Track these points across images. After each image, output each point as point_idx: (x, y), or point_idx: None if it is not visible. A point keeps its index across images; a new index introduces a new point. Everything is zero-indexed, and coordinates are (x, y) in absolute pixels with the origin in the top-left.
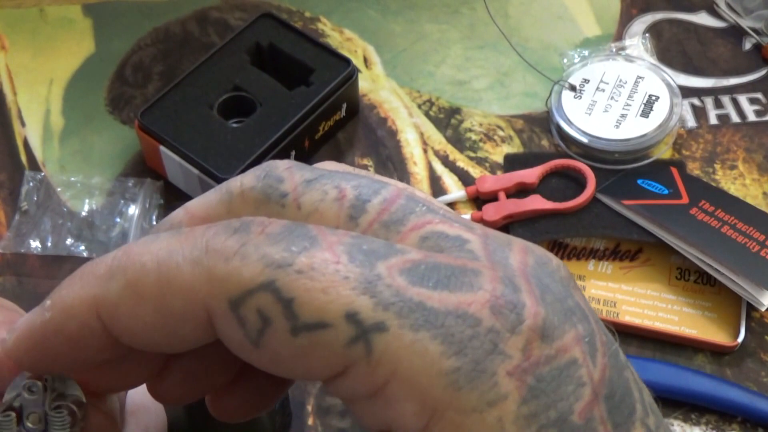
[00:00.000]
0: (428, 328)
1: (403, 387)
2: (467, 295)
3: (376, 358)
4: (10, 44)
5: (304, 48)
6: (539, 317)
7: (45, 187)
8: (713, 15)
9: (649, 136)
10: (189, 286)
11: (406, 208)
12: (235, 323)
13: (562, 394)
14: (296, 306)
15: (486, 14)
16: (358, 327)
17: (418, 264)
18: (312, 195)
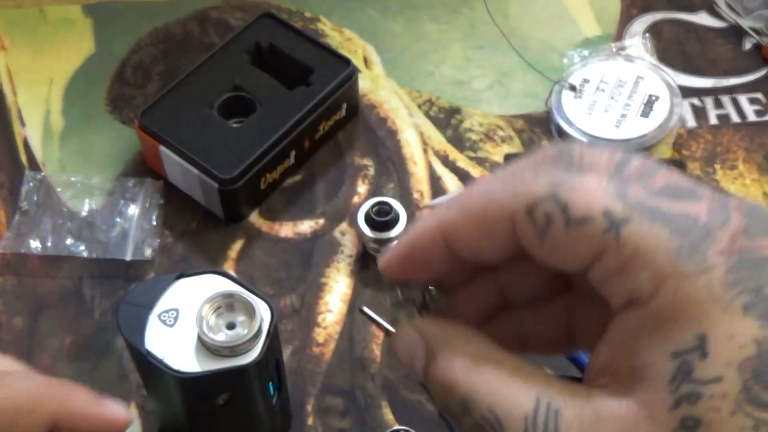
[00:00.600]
0: (661, 221)
1: (640, 260)
2: (691, 203)
3: (623, 241)
4: (10, 44)
5: (304, 48)
6: (742, 222)
7: (45, 187)
8: (713, 15)
9: (649, 136)
10: (500, 201)
11: (654, 168)
12: (529, 223)
13: (759, 273)
14: (570, 208)
15: (486, 14)
16: (611, 219)
17: (659, 187)
18: (592, 153)
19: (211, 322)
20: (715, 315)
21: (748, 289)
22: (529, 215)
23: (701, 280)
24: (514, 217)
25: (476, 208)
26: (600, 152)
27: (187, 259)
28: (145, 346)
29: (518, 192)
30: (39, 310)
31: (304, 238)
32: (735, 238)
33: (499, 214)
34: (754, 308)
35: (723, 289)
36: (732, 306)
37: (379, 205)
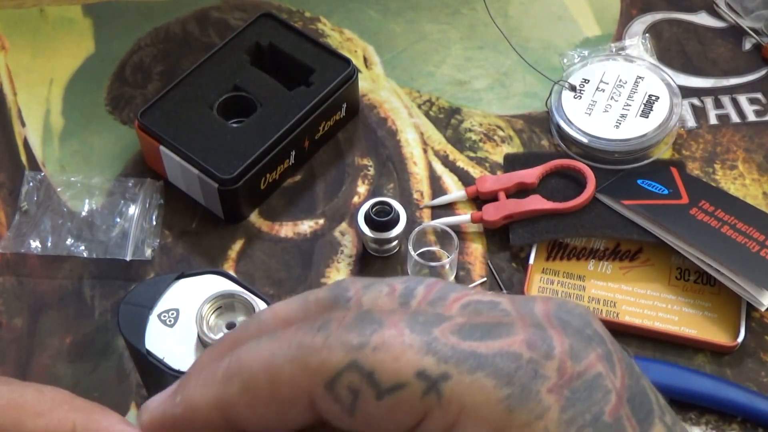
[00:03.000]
0: (482, 369)
1: (471, 418)
2: (507, 339)
3: (446, 400)
4: (10, 44)
5: (304, 48)
6: (566, 344)
7: (45, 187)
8: (713, 15)
9: (649, 136)
10: (291, 380)
11: (446, 289)
12: (332, 400)
13: (594, 400)
14: (377, 376)
15: (486, 14)
16: (428, 380)
17: (463, 325)
18: (370, 294)
19: (211, 322)
20: None
21: (586, 423)
22: (331, 392)
23: (537, 427)
24: (312, 395)
25: (262, 388)
26: (378, 290)
27: (187, 259)
28: (145, 346)
29: (310, 367)
30: (39, 310)
31: (304, 238)
32: (563, 368)
33: (290, 396)
34: None
35: (563, 430)
36: None
37: (379, 205)
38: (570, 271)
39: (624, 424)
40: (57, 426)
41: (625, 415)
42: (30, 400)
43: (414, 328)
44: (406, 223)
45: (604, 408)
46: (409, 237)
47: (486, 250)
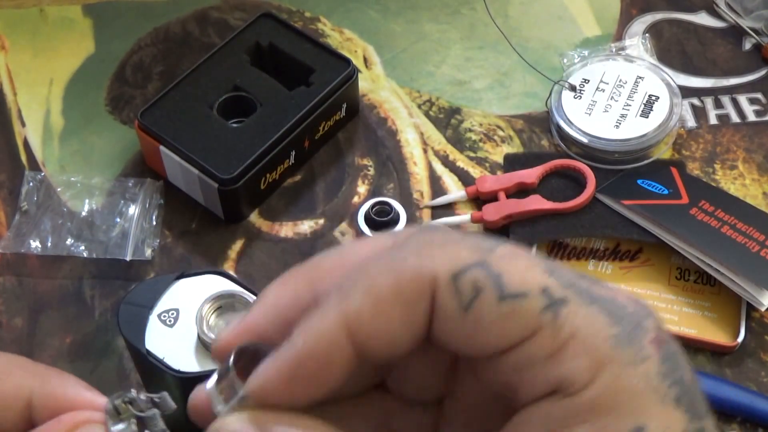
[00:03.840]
0: (596, 304)
1: (579, 345)
2: (615, 292)
3: (561, 322)
4: (10, 44)
5: (304, 48)
6: (655, 316)
7: (45, 187)
8: (713, 15)
9: (649, 136)
10: (417, 270)
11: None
12: (453, 293)
13: (681, 365)
14: (504, 279)
15: (486, 14)
16: (550, 298)
17: (574, 272)
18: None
19: (211, 322)
20: (653, 407)
21: (676, 380)
22: (454, 283)
23: (639, 369)
24: (438, 287)
25: (387, 286)
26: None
27: (187, 259)
28: (145, 346)
29: (438, 258)
30: (39, 310)
31: (304, 238)
32: (659, 329)
33: (417, 287)
34: (683, 401)
35: (659, 380)
36: (667, 398)
37: (379, 205)
38: None
39: (696, 395)
40: (12, 391)
41: (697, 390)
42: None
43: (535, 256)
44: (406, 223)
45: (685, 375)
46: None
47: None
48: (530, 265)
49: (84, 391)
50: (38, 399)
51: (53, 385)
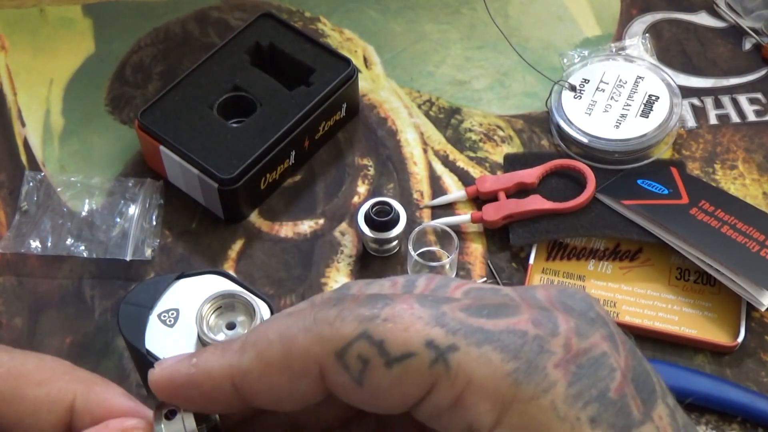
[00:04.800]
0: (489, 343)
1: (478, 391)
2: (512, 318)
3: (454, 371)
4: (10, 44)
5: (304, 48)
6: (571, 323)
7: (45, 187)
8: (713, 15)
9: (649, 136)
10: (304, 349)
11: (446, 279)
12: (342, 369)
13: (600, 377)
14: (387, 345)
15: (486, 14)
16: (436, 350)
17: (470, 305)
18: (372, 288)
19: (211, 322)
20: None
21: (592, 399)
22: (341, 362)
23: (544, 401)
24: (323, 365)
25: (276, 357)
26: (380, 284)
27: (187, 259)
28: (145, 346)
29: (323, 336)
30: (39, 310)
31: (304, 238)
32: (569, 344)
33: (303, 364)
34: (601, 419)
35: (567, 406)
36: (580, 422)
37: (379, 205)
38: (570, 271)
39: (629, 402)
40: (57, 395)
41: (630, 394)
42: (31, 369)
43: (423, 304)
44: (406, 223)
45: (609, 385)
46: (409, 237)
47: (486, 250)
48: (413, 321)
49: (127, 400)
50: (81, 404)
51: (96, 392)
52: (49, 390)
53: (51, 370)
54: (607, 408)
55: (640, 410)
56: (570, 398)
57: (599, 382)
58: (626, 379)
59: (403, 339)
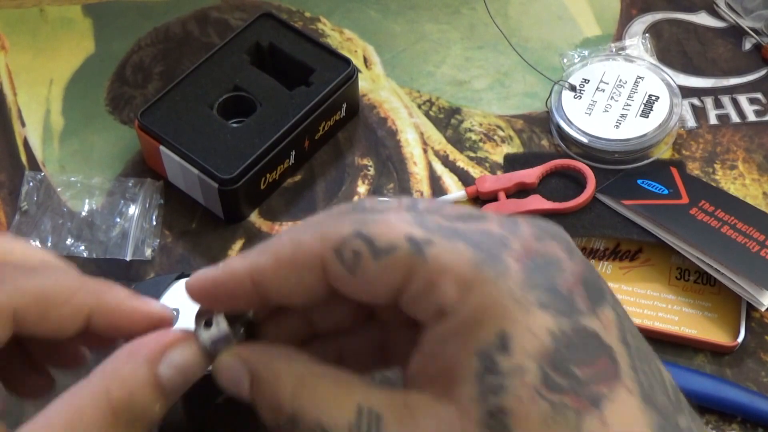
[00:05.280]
0: (459, 239)
1: (446, 276)
2: (483, 223)
3: (429, 262)
4: (10, 44)
5: (304, 48)
6: (533, 229)
7: (45, 187)
8: (713, 15)
9: (649, 136)
10: (309, 246)
11: (442, 203)
12: (339, 262)
13: (551, 273)
14: (375, 241)
15: (486, 14)
16: (415, 244)
17: (450, 214)
18: (383, 202)
19: None
20: (514, 313)
21: (543, 287)
22: (338, 255)
23: (501, 284)
24: (324, 259)
25: (287, 254)
26: (389, 200)
27: (187, 259)
28: None
29: (325, 235)
30: None
31: None
32: (527, 243)
33: (309, 259)
34: (549, 305)
35: (521, 289)
36: (529, 304)
37: None
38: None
39: (576, 298)
40: (77, 310)
41: (578, 292)
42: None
43: (409, 211)
44: None
45: (559, 281)
46: None
47: None
48: (398, 223)
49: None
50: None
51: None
52: (70, 308)
53: (67, 288)
54: (556, 297)
55: (587, 305)
56: (523, 284)
57: (550, 277)
58: (577, 281)
59: (389, 235)
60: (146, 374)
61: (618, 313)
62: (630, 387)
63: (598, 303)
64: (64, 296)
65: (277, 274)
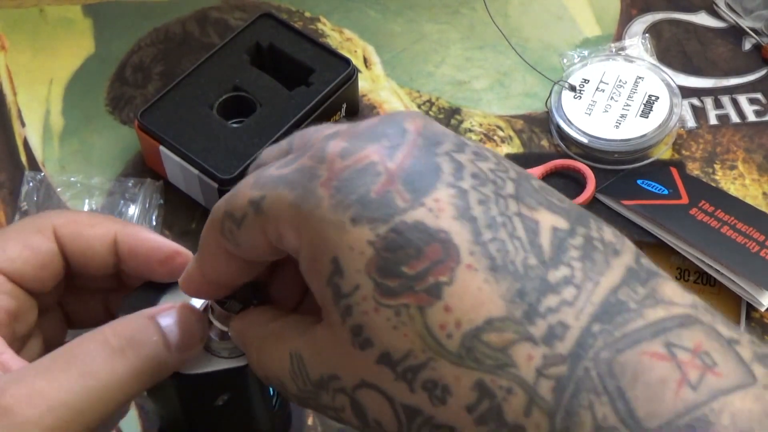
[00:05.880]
0: (282, 185)
1: (282, 223)
2: (300, 159)
3: (267, 215)
4: (10, 44)
5: (304, 48)
6: (338, 147)
7: (45, 187)
8: (713, 15)
9: (648, 136)
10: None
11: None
12: (226, 240)
13: (359, 184)
14: (234, 214)
15: (486, 14)
16: (255, 205)
17: (285, 161)
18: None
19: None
20: (335, 238)
21: (352, 203)
22: (222, 235)
23: (317, 214)
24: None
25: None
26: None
27: None
28: None
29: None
30: None
31: None
32: (332, 165)
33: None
34: (360, 218)
35: (333, 213)
36: (343, 224)
37: None
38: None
39: (392, 197)
40: (104, 232)
41: (395, 190)
42: (84, 218)
43: (257, 173)
44: None
45: (370, 187)
46: None
47: None
48: (245, 190)
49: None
50: (121, 238)
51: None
52: (98, 230)
53: (96, 217)
54: (366, 206)
55: (406, 201)
56: (333, 207)
57: (359, 188)
58: (393, 179)
59: (239, 204)
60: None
61: (459, 188)
62: (472, 263)
63: (425, 190)
64: (93, 221)
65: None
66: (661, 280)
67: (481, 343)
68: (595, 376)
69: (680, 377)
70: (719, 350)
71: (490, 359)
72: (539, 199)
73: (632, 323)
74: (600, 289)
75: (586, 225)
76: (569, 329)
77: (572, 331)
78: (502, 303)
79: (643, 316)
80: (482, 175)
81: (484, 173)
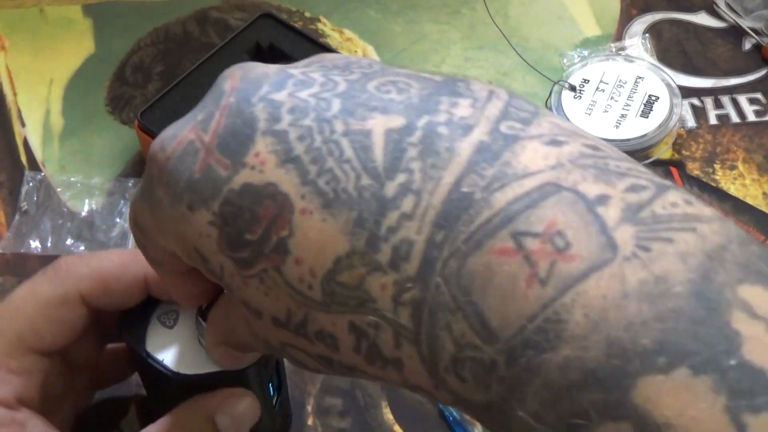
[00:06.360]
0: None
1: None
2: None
3: (143, 229)
4: (10, 44)
5: (304, 48)
6: (158, 140)
7: (45, 187)
8: (713, 15)
9: (649, 136)
10: None
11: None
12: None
13: (183, 169)
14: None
15: (486, 14)
16: (135, 224)
17: None
18: None
19: None
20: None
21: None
22: None
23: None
24: None
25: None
26: None
27: None
28: (145, 347)
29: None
30: None
31: None
32: (157, 162)
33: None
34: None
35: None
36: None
37: None
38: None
39: (214, 169)
40: (133, 282)
41: (215, 161)
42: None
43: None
44: None
45: (193, 168)
46: None
47: None
48: None
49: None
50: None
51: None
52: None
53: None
54: (195, 189)
55: (228, 168)
56: (171, 203)
57: (183, 174)
58: (210, 152)
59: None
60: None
61: (275, 132)
62: (306, 207)
63: (243, 149)
64: (119, 271)
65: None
66: (523, 142)
67: (338, 285)
68: (446, 291)
69: (529, 272)
70: (576, 223)
71: (352, 299)
72: (376, 101)
73: (478, 218)
74: (441, 187)
75: (432, 110)
76: (413, 245)
77: (417, 246)
78: (344, 237)
79: (490, 205)
80: (302, 105)
81: (304, 102)
